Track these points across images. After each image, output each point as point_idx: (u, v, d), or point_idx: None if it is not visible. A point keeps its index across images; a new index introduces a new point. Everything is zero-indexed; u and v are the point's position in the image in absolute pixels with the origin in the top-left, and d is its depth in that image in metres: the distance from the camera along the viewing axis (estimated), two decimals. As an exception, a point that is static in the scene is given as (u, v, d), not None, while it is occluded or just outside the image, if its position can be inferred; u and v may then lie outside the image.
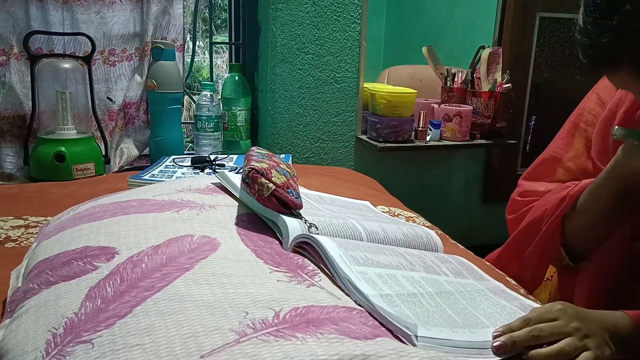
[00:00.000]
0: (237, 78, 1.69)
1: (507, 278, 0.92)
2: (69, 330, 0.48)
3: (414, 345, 0.50)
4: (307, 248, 0.66)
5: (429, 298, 0.61)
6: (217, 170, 1.26)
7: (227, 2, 1.88)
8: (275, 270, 0.59)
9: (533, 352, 0.58)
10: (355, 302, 0.56)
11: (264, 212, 0.73)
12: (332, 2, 1.66)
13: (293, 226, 0.68)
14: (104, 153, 1.56)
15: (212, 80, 1.84)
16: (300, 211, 0.72)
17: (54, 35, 1.51)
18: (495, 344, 0.57)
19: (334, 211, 0.84)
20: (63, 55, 1.52)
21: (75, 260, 0.61)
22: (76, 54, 1.55)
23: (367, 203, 1.05)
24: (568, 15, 1.98)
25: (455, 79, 1.86)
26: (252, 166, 0.71)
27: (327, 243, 0.63)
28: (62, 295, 0.55)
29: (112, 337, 0.46)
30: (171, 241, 0.63)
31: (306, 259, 0.64)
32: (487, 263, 0.98)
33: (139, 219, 0.71)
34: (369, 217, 0.87)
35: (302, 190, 0.87)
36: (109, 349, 0.45)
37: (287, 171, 0.78)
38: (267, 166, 0.73)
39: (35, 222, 1.06)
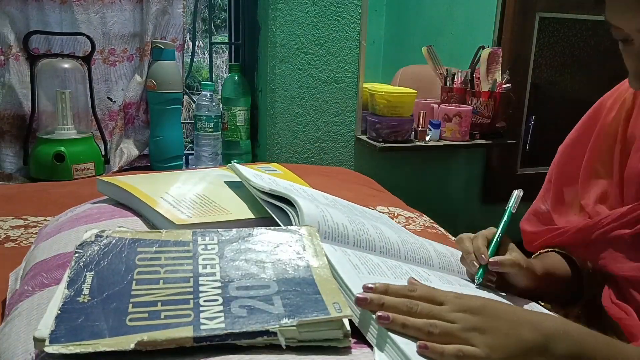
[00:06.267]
0: (236, 78, 1.69)
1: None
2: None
3: None
4: None
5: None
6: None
7: (226, 2, 1.88)
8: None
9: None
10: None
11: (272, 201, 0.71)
12: (331, 2, 1.66)
13: (308, 207, 0.65)
14: (103, 153, 1.56)
15: (211, 80, 1.84)
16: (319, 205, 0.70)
17: (54, 35, 1.51)
18: (359, 294, 0.50)
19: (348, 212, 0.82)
20: (63, 55, 1.52)
21: (72, 262, 0.60)
22: (75, 54, 1.55)
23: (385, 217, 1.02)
24: (568, 16, 1.98)
25: (455, 79, 1.86)
26: None
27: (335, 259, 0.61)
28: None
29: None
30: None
31: None
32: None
33: (137, 221, 0.71)
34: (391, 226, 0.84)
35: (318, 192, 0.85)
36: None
37: None
38: None
39: (34, 222, 1.06)
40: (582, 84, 2.07)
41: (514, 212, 0.76)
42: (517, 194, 0.78)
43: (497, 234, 0.72)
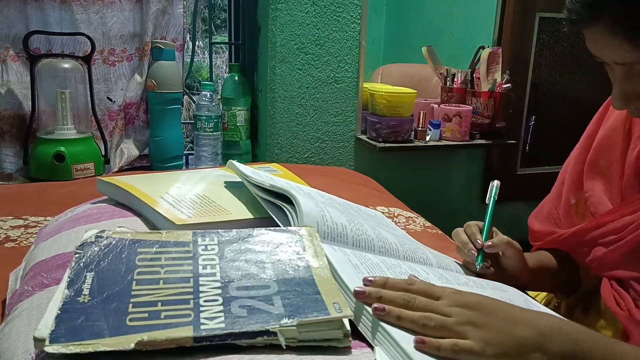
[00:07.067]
0: (236, 78, 1.69)
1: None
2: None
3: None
4: None
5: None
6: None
7: (226, 2, 1.88)
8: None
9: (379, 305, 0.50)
10: None
11: (270, 197, 0.71)
12: (331, 2, 1.66)
13: (308, 206, 0.65)
14: (103, 153, 1.56)
15: (211, 80, 1.84)
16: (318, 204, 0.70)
17: (54, 35, 1.50)
18: (357, 287, 0.51)
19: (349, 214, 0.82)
20: (63, 55, 1.52)
21: (72, 262, 0.60)
22: (75, 54, 1.55)
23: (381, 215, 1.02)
24: (568, 15, 1.98)
25: (455, 79, 1.86)
26: None
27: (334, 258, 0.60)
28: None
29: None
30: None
31: None
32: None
33: (137, 221, 0.71)
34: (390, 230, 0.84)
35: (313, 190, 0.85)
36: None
37: None
38: None
39: (34, 222, 1.06)
40: (582, 84, 2.07)
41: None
42: (496, 184, 0.83)
43: (487, 222, 0.76)
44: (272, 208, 0.69)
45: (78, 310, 0.46)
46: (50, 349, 0.42)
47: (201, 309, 0.48)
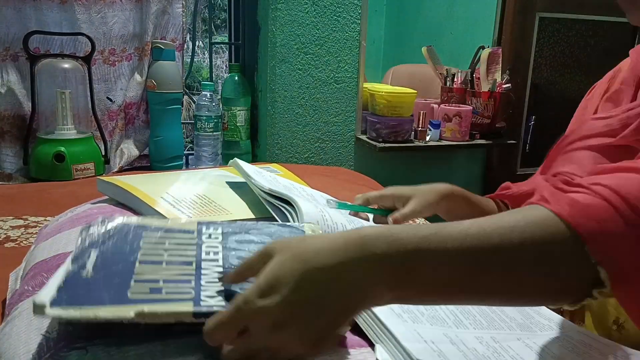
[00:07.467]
0: (236, 78, 1.69)
1: None
2: (62, 335, 0.48)
3: None
4: None
5: None
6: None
7: (226, 2, 1.88)
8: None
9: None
10: None
11: (272, 199, 0.71)
12: (332, 2, 1.66)
13: (307, 207, 0.66)
14: (103, 153, 1.56)
15: (211, 80, 1.84)
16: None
17: (54, 35, 1.50)
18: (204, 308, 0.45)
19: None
20: (63, 55, 1.52)
21: (71, 262, 0.60)
22: (76, 54, 1.55)
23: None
24: (568, 16, 1.98)
25: (455, 79, 1.86)
26: None
27: None
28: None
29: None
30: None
31: None
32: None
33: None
34: None
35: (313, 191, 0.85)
36: (104, 356, 0.45)
37: None
38: None
39: (34, 222, 1.06)
40: (582, 84, 2.07)
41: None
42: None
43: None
44: (274, 208, 0.69)
45: (80, 284, 0.46)
46: (50, 311, 0.41)
47: (202, 288, 0.48)
